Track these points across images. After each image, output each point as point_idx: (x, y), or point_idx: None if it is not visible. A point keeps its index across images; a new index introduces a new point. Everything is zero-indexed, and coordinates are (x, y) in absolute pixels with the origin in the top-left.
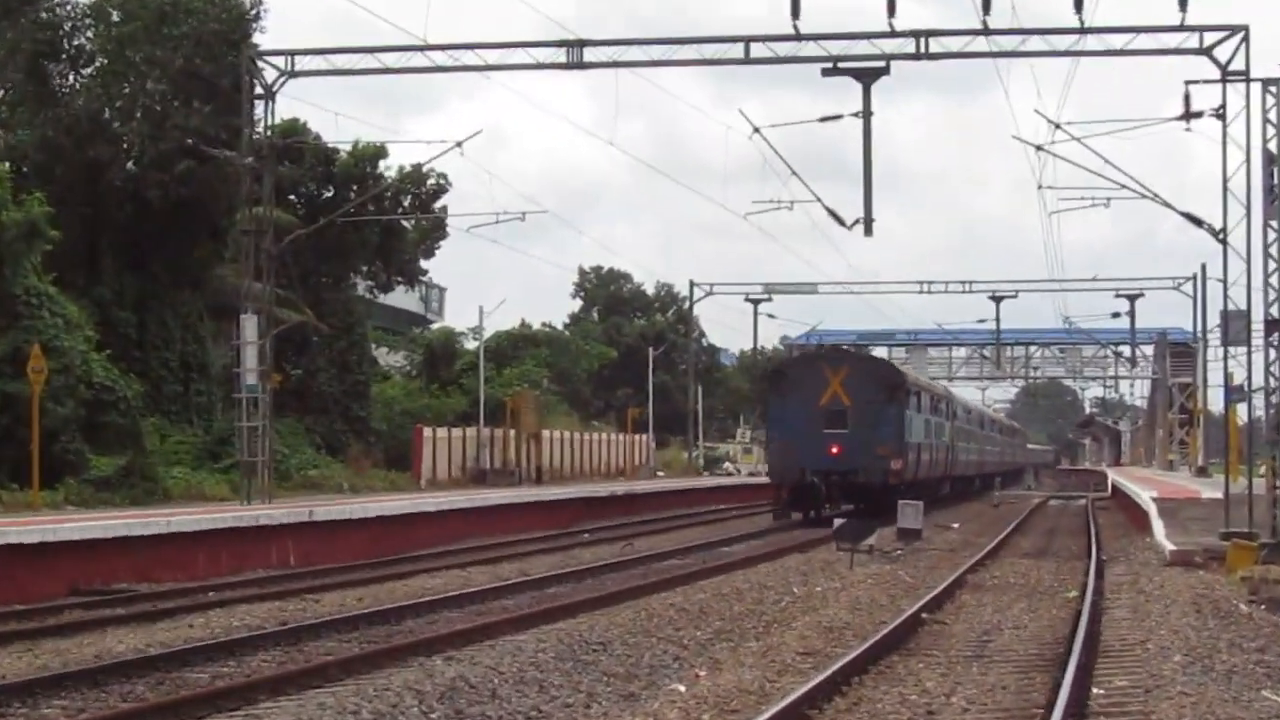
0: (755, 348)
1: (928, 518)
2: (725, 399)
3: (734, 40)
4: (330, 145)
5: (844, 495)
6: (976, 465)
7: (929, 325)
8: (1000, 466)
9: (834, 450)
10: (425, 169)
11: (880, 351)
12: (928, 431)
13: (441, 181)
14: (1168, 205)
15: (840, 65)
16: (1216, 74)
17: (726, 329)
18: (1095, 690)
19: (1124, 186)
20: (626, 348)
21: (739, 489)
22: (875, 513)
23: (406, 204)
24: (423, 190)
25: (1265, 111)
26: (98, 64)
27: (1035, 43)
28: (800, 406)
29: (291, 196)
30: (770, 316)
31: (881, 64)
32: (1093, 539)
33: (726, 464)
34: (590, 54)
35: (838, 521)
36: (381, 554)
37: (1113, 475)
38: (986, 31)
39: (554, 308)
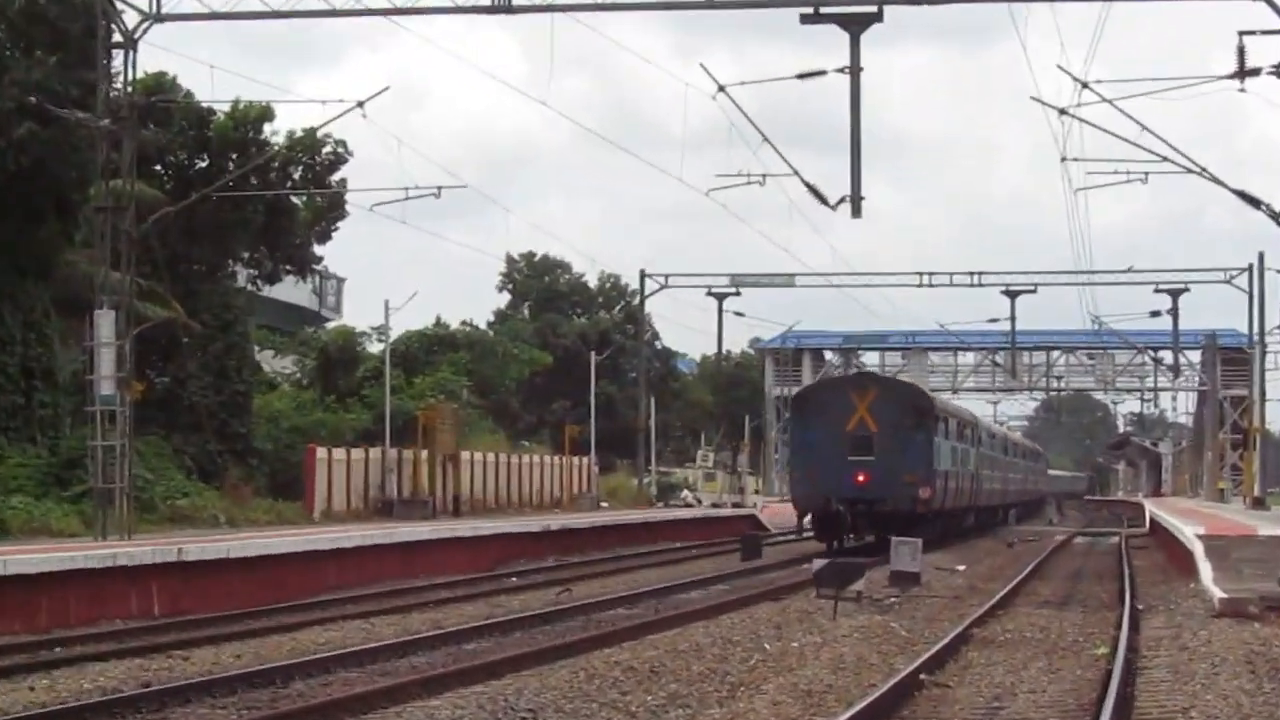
0: (720, 352)
1: (930, 557)
2: (683, 414)
3: None
4: (205, 105)
5: (870, 524)
6: (1000, 494)
7: (930, 325)
8: (1022, 495)
9: (860, 478)
10: (320, 134)
11: (872, 356)
12: (954, 459)
13: (340, 150)
14: (1218, 181)
15: (823, 10)
16: (1278, 22)
17: (685, 329)
18: None
19: (1165, 159)
20: (564, 351)
21: (701, 523)
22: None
23: (297, 177)
24: (317, 160)
25: None
26: None
27: None
28: (825, 432)
29: (158, 167)
30: (738, 314)
31: (873, 8)
32: (1126, 584)
33: (685, 492)
34: None
35: (817, 562)
36: (266, 601)
37: (1151, 507)
38: None
39: (476, 303)
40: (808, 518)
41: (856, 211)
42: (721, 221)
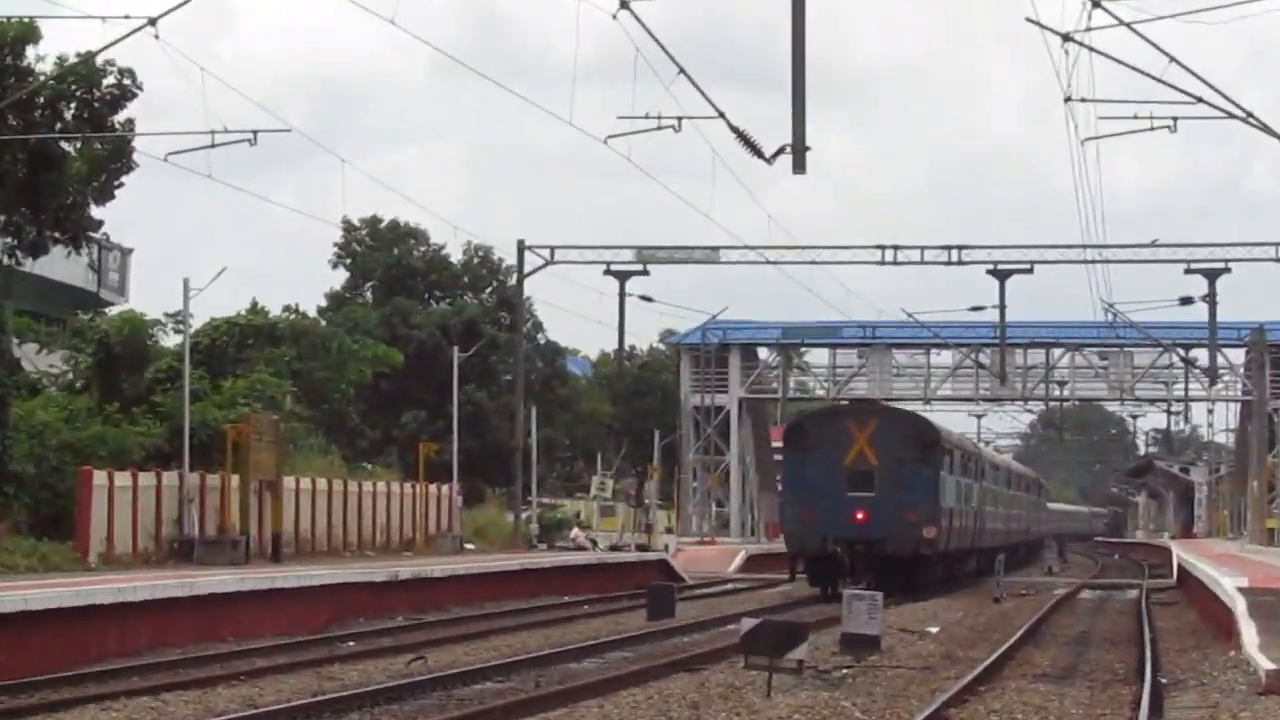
0: (622, 349)
1: (895, 613)
2: (574, 429)
3: None
4: None
5: (869, 567)
6: (1004, 534)
7: (895, 315)
8: (1024, 535)
9: (859, 516)
10: (100, 61)
11: (819, 355)
12: (959, 495)
13: (126, 82)
14: (1266, 130)
15: None
16: None
17: (577, 320)
18: None
19: (1198, 99)
20: (418, 347)
21: (596, 571)
22: (904, 588)
23: (70, 116)
24: (96, 95)
25: None
26: None
27: None
28: (822, 466)
29: None
30: (645, 299)
31: None
32: (1147, 652)
33: (575, 531)
34: None
35: (746, 622)
36: (21, 673)
37: (1179, 552)
38: None
39: (304, 283)
40: (800, 561)
41: (800, 166)
42: (624, 178)
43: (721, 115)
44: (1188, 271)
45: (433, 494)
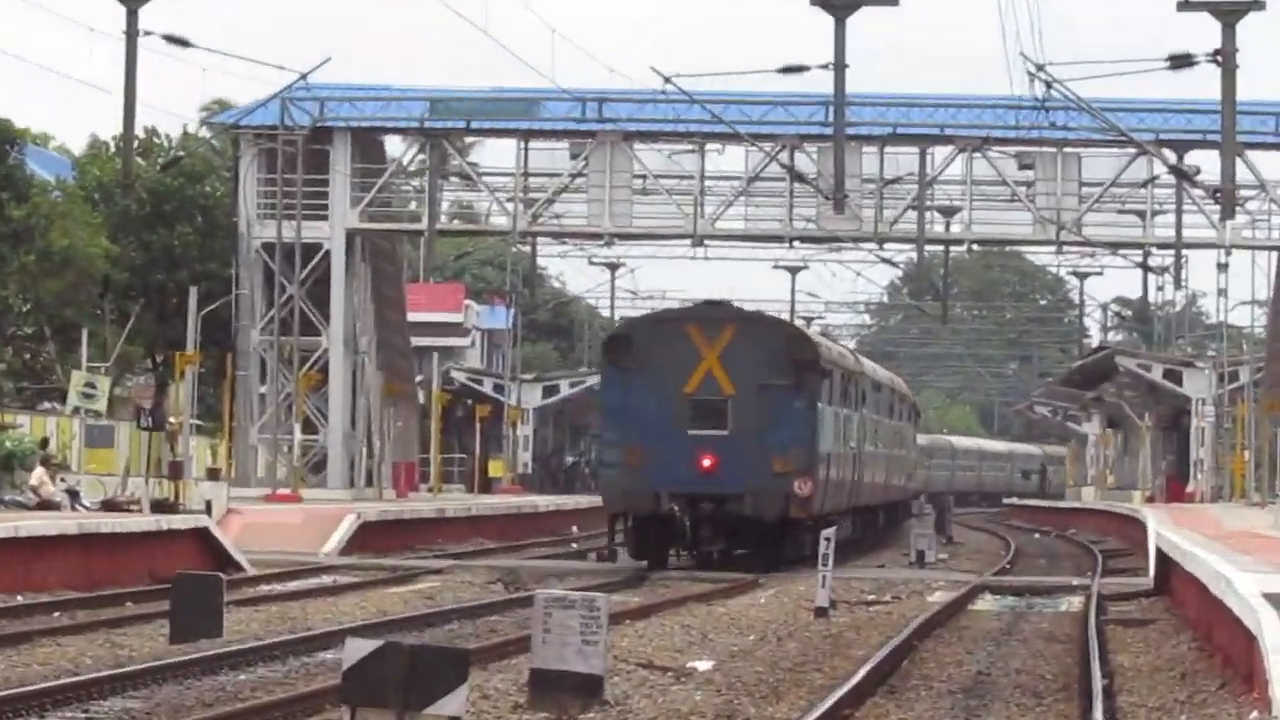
0: (129, 132)
1: (658, 628)
2: (42, 281)
3: None
4: None
5: (718, 533)
6: (882, 488)
7: (645, 80)
8: (902, 490)
9: (706, 463)
10: None
11: (505, 150)
12: (838, 434)
13: None
14: None
15: None
16: None
17: (48, 79)
18: None
19: None
20: None
21: (75, 549)
22: (766, 562)
23: None
24: None
25: None
26: None
27: None
28: (654, 393)
29: None
30: (177, 42)
31: None
32: (1097, 710)
33: (36, 475)
34: None
35: (354, 647)
36: None
37: (1159, 528)
38: None
39: None
40: (622, 524)
41: None
42: None
43: None
44: (1184, 5)
45: None
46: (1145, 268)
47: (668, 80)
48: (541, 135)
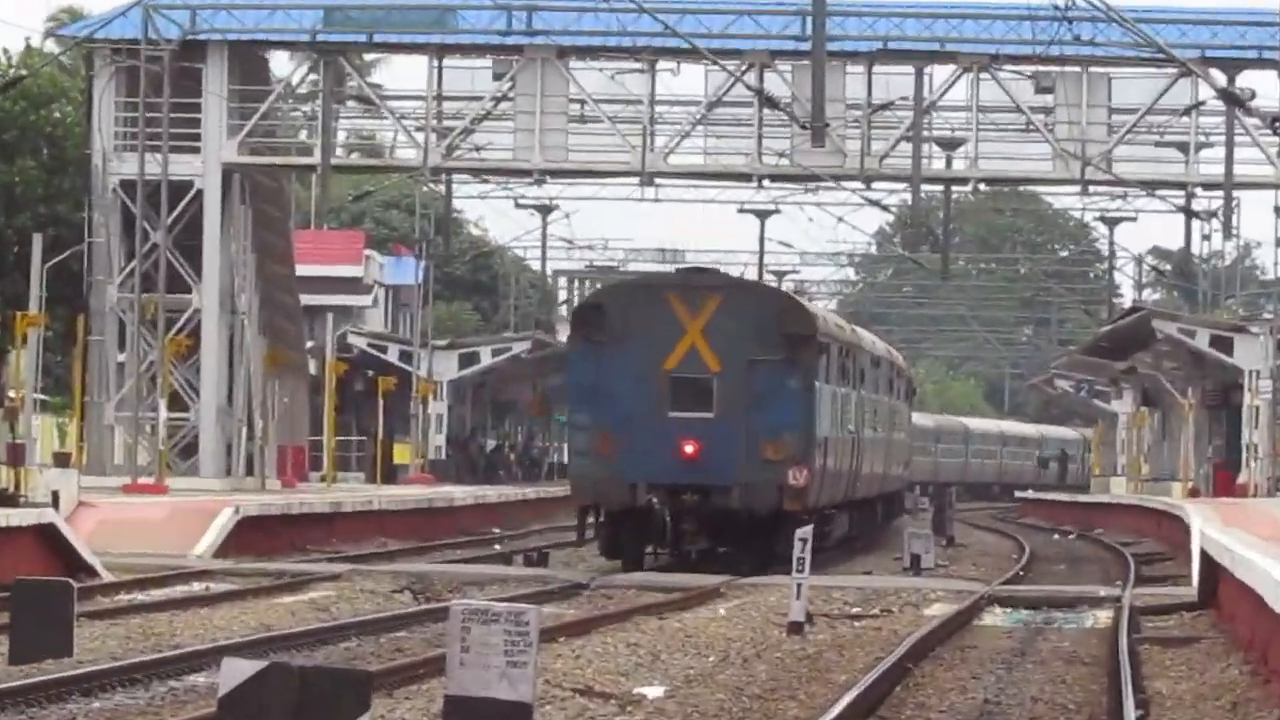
0: None
1: (597, 646)
2: None
3: None
4: None
5: (703, 529)
6: (879, 477)
7: None
8: (898, 479)
9: (688, 450)
10: None
11: (414, 68)
12: (835, 416)
13: None
14: None
15: None
16: None
17: None
18: None
19: None
20: None
21: None
22: (759, 561)
23: None
24: None
25: None
26: None
27: None
28: (630, 370)
29: None
30: None
31: None
32: None
33: None
34: None
35: (232, 669)
36: None
37: (1204, 527)
38: None
39: None
40: (593, 517)
41: None
42: None
43: None
44: None
45: None
46: (1188, 212)
47: None
48: (458, 51)
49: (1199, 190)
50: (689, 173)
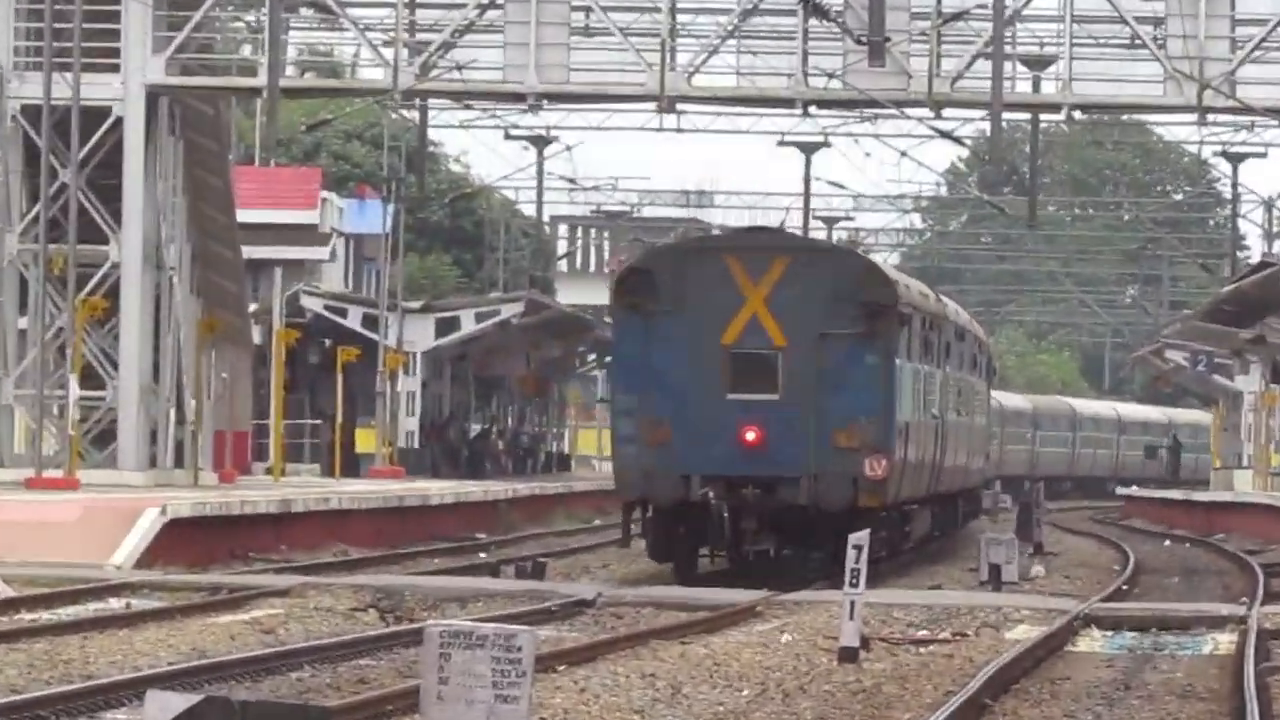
0: None
1: (608, 674)
2: None
3: None
4: None
5: (766, 528)
6: (964, 469)
7: None
8: (980, 472)
9: (749, 436)
10: None
11: None
12: (918, 399)
13: None
14: None
15: None
16: None
17: None
18: None
19: None
20: None
21: None
22: (827, 566)
23: None
24: None
25: None
26: None
27: None
28: (683, 345)
29: None
30: None
31: None
32: None
33: None
34: None
35: (156, 707)
36: None
37: None
38: None
39: None
40: (641, 514)
41: None
42: None
43: None
44: None
45: None
46: None
47: None
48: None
49: None
50: (718, 97)
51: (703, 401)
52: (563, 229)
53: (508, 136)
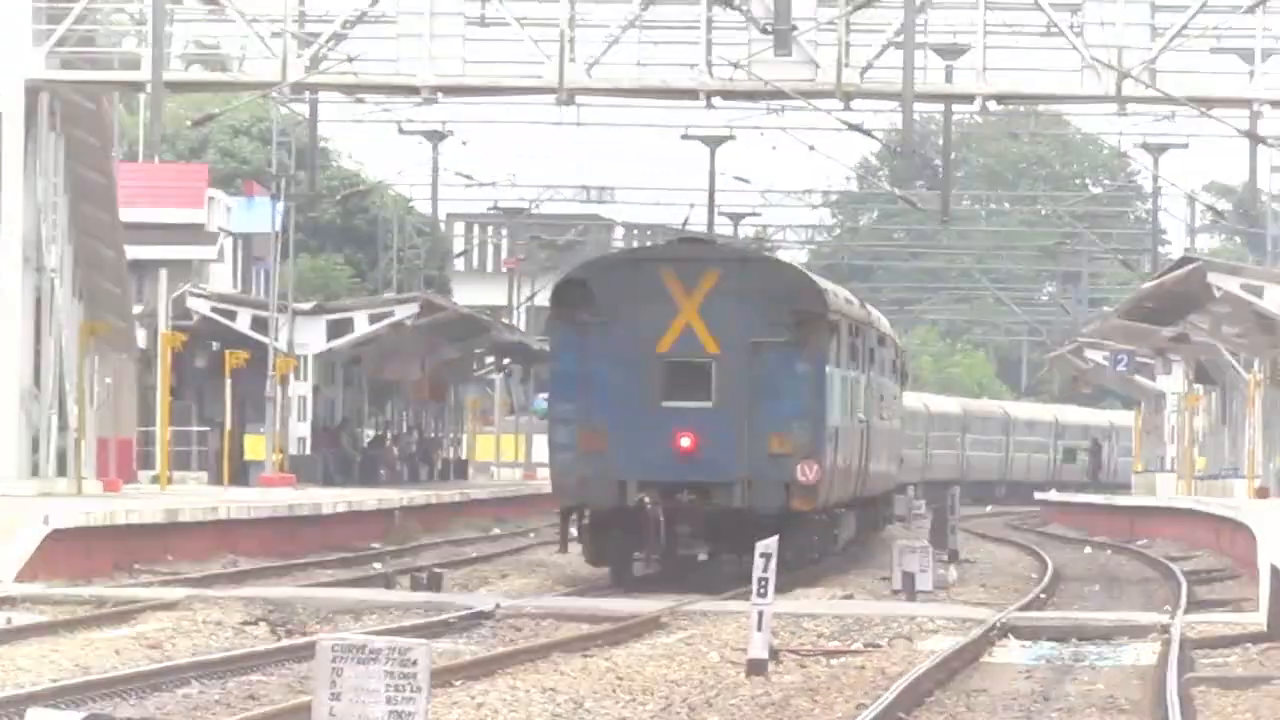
0: None
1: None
2: None
3: None
4: None
5: (700, 533)
6: (884, 474)
7: None
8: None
9: (684, 443)
10: None
11: None
12: (845, 403)
13: None
14: None
15: None
16: None
17: None
18: None
19: None
20: None
21: None
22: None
23: None
24: None
25: None
26: None
27: None
28: (619, 355)
29: None
30: None
31: None
32: None
33: None
34: None
35: None
36: None
37: (1273, 537)
38: None
39: None
40: (576, 518)
41: None
42: None
43: None
44: None
45: None
46: (1252, 137)
47: None
48: None
49: (1266, 109)
50: (619, 89)
51: (638, 409)
52: (459, 227)
53: (401, 131)
